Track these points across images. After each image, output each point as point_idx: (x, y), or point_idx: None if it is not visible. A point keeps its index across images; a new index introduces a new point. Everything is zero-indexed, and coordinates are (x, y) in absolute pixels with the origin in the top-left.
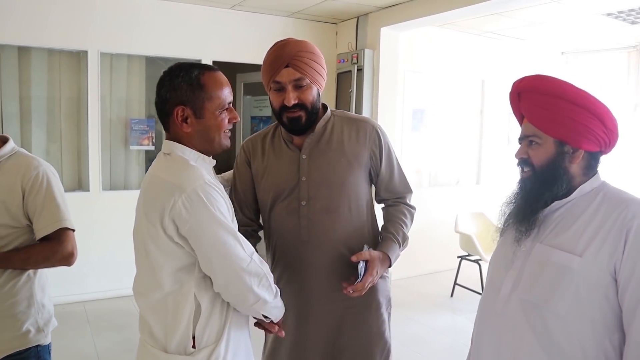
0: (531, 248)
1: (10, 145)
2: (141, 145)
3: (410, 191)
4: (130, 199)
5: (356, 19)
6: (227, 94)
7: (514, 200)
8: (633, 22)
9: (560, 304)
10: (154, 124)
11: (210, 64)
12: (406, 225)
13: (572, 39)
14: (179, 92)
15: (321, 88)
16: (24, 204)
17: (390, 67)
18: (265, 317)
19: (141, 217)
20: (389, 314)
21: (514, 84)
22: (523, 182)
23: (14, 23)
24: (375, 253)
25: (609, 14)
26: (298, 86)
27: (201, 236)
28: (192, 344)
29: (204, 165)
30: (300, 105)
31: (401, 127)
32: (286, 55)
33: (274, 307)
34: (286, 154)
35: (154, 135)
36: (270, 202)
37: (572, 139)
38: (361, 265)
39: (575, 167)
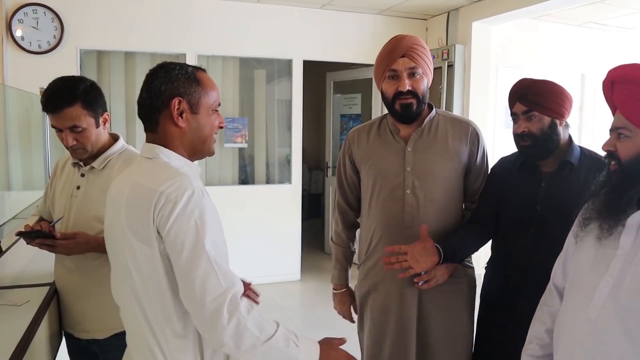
0: (635, 252)
1: (121, 142)
2: (235, 142)
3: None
4: (224, 194)
5: (447, 14)
6: (217, 95)
7: (598, 194)
8: None
9: None
10: (247, 123)
11: (301, 63)
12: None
13: None
14: (177, 84)
15: (429, 81)
16: None
17: (482, 63)
18: None
19: (124, 233)
20: (472, 300)
21: (609, 72)
22: (609, 176)
23: (122, 31)
24: (439, 268)
25: None
26: (412, 74)
27: (176, 252)
28: None
29: (190, 172)
30: (413, 93)
31: (493, 125)
32: (403, 47)
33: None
34: (392, 145)
35: (246, 133)
36: (373, 188)
37: None
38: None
39: None
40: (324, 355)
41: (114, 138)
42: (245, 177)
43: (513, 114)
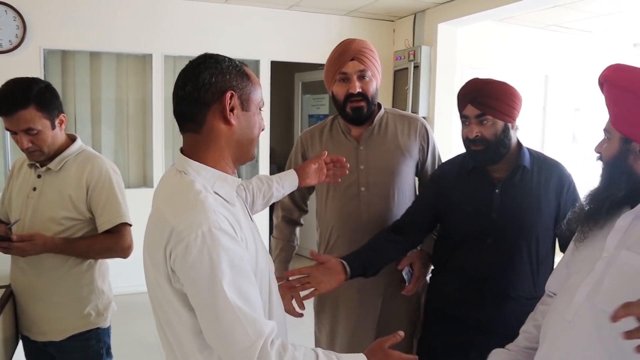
0: (616, 254)
1: (78, 143)
2: None
3: None
4: None
5: (413, 15)
6: (262, 94)
7: (587, 195)
8: None
9: None
10: None
11: (269, 64)
12: None
13: None
14: (229, 77)
15: (378, 83)
16: (88, 199)
17: (448, 64)
18: None
19: (147, 260)
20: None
21: (602, 72)
22: (599, 179)
23: (86, 30)
24: (416, 253)
25: None
26: (361, 77)
27: (196, 296)
28: None
29: (224, 188)
30: (363, 95)
31: (459, 125)
32: (352, 50)
33: None
34: (344, 144)
35: None
36: (328, 187)
37: (639, 137)
38: (405, 271)
39: None
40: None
41: (71, 139)
42: None
43: (464, 117)
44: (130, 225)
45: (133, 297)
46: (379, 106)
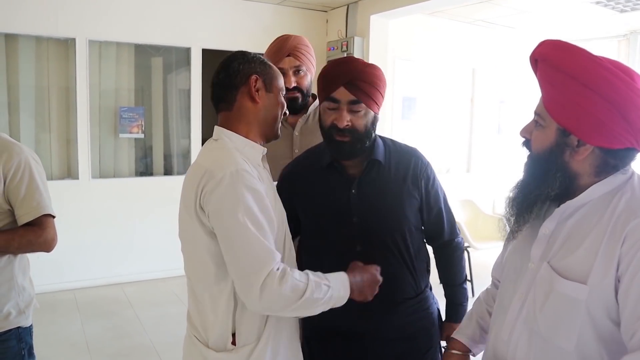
0: (538, 267)
1: None
2: (131, 133)
3: None
4: (119, 186)
5: (346, 6)
6: (283, 81)
7: (514, 187)
8: (622, 11)
9: (567, 341)
10: (143, 112)
11: (200, 52)
12: None
13: (563, 27)
14: (254, 65)
15: (312, 76)
16: (5, 190)
17: (380, 55)
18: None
19: (181, 208)
20: None
21: (534, 48)
22: (524, 167)
23: (0, 10)
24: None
25: (597, 2)
26: (297, 71)
27: (220, 224)
28: (231, 340)
29: (251, 152)
30: (298, 89)
31: (391, 115)
32: (288, 47)
33: (323, 303)
34: (282, 131)
35: (143, 123)
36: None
37: (578, 130)
38: None
39: (580, 164)
40: (352, 279)
41: None
42: (144, 169)
43: (332, 100)
44: (54, 217)
45: (58, 294)
46: (314, 97)
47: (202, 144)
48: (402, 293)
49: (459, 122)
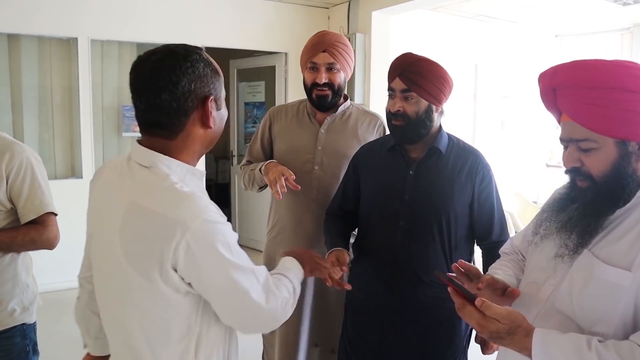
0: (576, 254)
1: None
2: (134, 132)
3: None
4: None
5: (347, 3)
6: None
7: (564, 209)
8: (625, 4)
9: (606, 327)
10: None
11: (203, 49)
12: None
13: (566, 21)
14: (206, 80)
15: (347, 76)
16: (8, 189)
17: (382, 52)
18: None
19: (119, 262)
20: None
21: (545, 78)
22: (581, 193)
23: (3, 10)
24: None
25: None
26: (330, 69)
27: (211, 285)
28: None
29: (193, 181)
30: (330, 85)
31: None
32: (325, 43)
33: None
34: (308, 125)
35: None
36: (284, 162)
37: (634, 134)
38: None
39: None
40: (302, 264)
41: None
42: None
43: (390, 89)
44: (56, 215)
45: (62, 293)
46: (346, 97)
47: None
48: (431, 274)
49: (461, 117)
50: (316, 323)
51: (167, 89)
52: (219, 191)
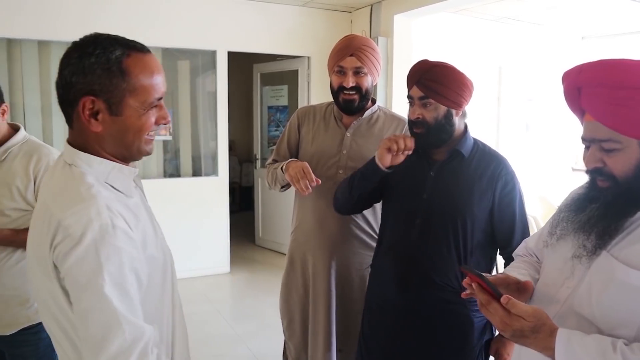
0: (594, 256)
1: (22, 133)
2: (159, 135)
3: None
4: (148, 187)
5: (370, 6)
6: (158, 84)
7: (583, 208)
8: None
9: (627, 330)
10: (171, 115)
11: (226, 54)
12: None
13: (592, 22)
14: (90, 78)
15: (375, 80)
16: (36, 190)
17: (404, 55)
18: None
19: (30, 255)
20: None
21: (569, 76)
22: (601, 193)
23: (32, 18)
24: None
25: None
26: (357, 72)
27: (77, 295)
28: None
29: (118, 180)
30: (357, 89)
31: None
32: (352, 47)
33: None
34: (334, 129)
35: (171, 125)
36: (310, 163)
37: None
38: None
39: None
40: None
41: (14, 129)
42: (172, 170)
43: (409, 97)
44: None
45: None
46: (373, 101)
47: (229, 147)
48: (443, 277)
49: (485, 121)
50: (340, 327)
51: (59, 74)
52: (243, 194)
